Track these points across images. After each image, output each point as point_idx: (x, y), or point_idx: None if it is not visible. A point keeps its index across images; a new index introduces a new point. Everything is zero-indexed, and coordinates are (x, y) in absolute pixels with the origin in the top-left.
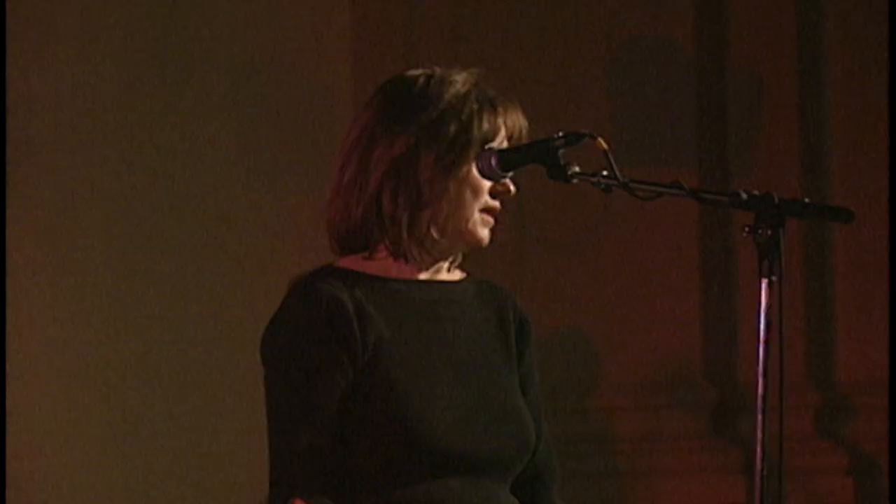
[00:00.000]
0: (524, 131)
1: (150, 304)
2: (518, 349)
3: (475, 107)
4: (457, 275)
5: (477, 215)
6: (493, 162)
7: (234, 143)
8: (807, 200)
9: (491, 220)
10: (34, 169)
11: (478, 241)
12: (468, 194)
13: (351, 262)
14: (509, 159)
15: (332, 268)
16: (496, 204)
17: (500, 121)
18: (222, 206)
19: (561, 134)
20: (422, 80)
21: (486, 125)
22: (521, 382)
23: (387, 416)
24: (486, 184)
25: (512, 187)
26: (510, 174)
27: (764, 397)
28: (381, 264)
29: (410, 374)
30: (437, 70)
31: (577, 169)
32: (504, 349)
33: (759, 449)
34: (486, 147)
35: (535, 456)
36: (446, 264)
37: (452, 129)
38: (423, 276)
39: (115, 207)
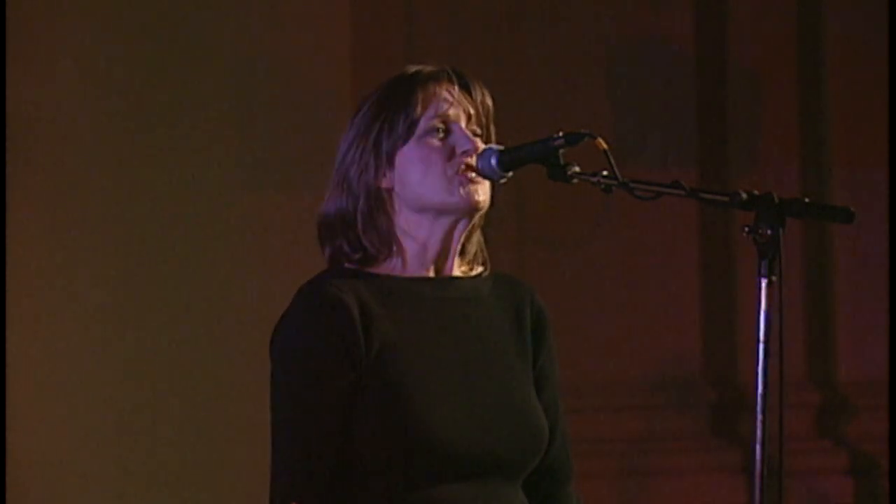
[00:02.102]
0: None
1: (150, 304)
2: (534, 345)
3: (391, 86)
4: (476, 270)
5: (444, 182)
6: (493, 162)
7: (235, 143)
8: (807, 200)
9: (466, 179)
10: (34, 169)
11: (458, 206)
12: (420, 167)
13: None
14: (509, 159)
15: (341, 269)
16: (465, 160)
17: (418, 94)
18: (222, 205)
19: (561, 134)
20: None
21: (400, 97)
22: (537, 379)
23: (390, 418)
24: (437, 154)
25: (480, 144)
26: (510, 174)
27: (764, 397)
28: (390, 263)
29: (416, 374)
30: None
31: (577, 169)
32: (519, 346)
33: (759, 449)
34: (415, 120)
35: (548, 453)
36: (456, 259)
37: (375, 113)
38: (432, 272)
39: (114, 207)
